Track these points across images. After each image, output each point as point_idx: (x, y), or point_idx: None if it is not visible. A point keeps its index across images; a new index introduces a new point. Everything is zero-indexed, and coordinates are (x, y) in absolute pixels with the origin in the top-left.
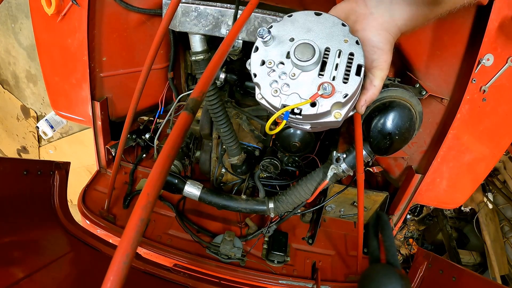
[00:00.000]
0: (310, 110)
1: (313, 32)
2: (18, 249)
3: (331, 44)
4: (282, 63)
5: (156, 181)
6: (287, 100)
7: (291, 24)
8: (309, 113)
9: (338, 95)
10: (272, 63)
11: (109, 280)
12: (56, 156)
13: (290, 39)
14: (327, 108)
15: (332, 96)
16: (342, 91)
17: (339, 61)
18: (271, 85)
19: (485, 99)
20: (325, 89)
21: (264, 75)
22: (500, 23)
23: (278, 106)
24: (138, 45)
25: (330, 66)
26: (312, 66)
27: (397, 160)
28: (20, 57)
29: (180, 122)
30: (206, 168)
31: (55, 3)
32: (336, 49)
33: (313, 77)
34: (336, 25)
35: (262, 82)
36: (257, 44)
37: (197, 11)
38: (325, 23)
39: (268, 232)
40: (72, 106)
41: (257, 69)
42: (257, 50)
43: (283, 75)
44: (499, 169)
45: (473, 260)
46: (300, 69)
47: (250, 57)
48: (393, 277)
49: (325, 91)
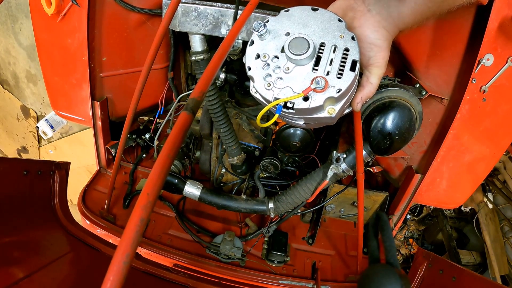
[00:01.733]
0: (303, 104)
1: (309, 27)
2: (18, 249)
3: (327, 39)
4: (277, 57)
5: (156, 181)
6: (280, 94)
7: (288, 18)
8: (301, 107)
9: (331, 90)
10: (267, 56)
11: (109, 280)
12: (56, 156)
13: (285, 34)
14: (319, 102)
15: (325, 91)
16: (335, 86)
17: (333, 56)
18: (264, 79)
19: (485, 99)
20: (318, 83)
21: (258, 69)
22: (500, 23)
23: (270, 99)
24: (138, 45)
25: (325, 61)
26: (306, 61)
27: (397, 160)
28: (20, 57)
29: (180, 122)
30: (206, 168)
31: (55, 3)
32: (331, 44)
33: (307, 71)
34: (332, 20)
35: (256, 75)
36: (252, 38)
37: (197, 11)
38: (321, 18)
39: (268, 232)
40: (72, 106)
41: (251, 63)
42: (252, 44)
43: (277, 69)
44: (499, 169)
45: (473, 260)
46: (294, 63)
47: (246, 50)
48: (393, 277)
49: (318, 85)
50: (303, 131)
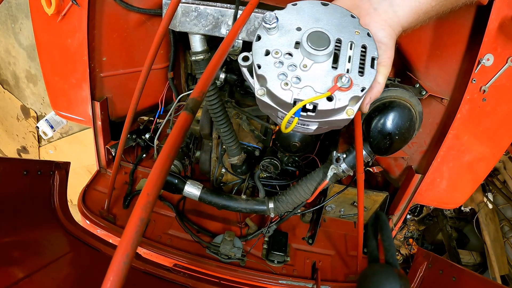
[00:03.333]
0: (327, 105)
1: (322, 22)
2: (18, 249)
3: (342, 35)
4: (290, 53)
5: (156, 181)
6: (300, 94)
7: (297, 13)
8: (325, 109)
9: (355, 88)
10: (279, 53)
11: (109, 280)
12: (56, 156)
13: (297, 28)
14: (345, 102)
15: (350, 90)
16: (359, 84)
17: (351, 53)
18: (279, 77)
19: (485, 99)
20: (344, 82)
21: (271, 67)
22: (500, 23)
23: (288, 100)
24: (138, 45)
25: (344, 58)
26: (325, 57)
27: (397, 160)
28: (20, 57)
29: (180, 122)
30: (206, 168)
31: (55, 3)
32: (348, 41)
33: (326, 69)
34: (345, 16)
35: (269, 74)
36: (259, 33)
37: (197, 11)
38: (333, 13)
39: (268, 232)
40: (72, 106)
41: (261, 60)
42: (259, 39)
43: (293, 67)
44: (499, 169)
45: (473, 260)
46: (312, 59)
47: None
48: (392, 277)
49: (344, 83)
50: None
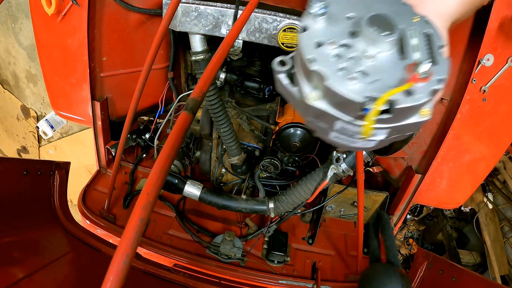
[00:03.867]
0: (407, 100)
1: (375, 9)
2: (18, 249)
3: (401, 23)
4: (346, 45)
5: (156, 181)
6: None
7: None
8: (405, 106)
9: (433, 80)
10: (335, 44)
11: (109, 280)
12: (56, 156)
13: (347, 17)
14: (425, 97)
15: (430, 81)
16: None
17: (416, 42)
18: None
19: (485, 99)
20: (424, 70)
21: (327, 61)
22: (500, 23)
23: (359, 99)
24: (138, 45)
25: (409, 47)
26: (390, 45)
27: (397, 160)
28: (20, 57)
29: (180, 122)
30: (206, 168)
31: (55, 3)
32: (409, 27)
33: (394, 59)
34: (397, 3)
35: (327, 69)
36: (305, 23)
37: (197, 11)
38: (384, 0)
39: (268, 232)
40: (72, 106)
41: (313, 53)
42: (305, 30)
43: (354, 59)
44: (499, 169)
45: (473, 260)
46: (377, 47)
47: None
48: (394, 276)
49: (424, 72)
50: (303, 130)
